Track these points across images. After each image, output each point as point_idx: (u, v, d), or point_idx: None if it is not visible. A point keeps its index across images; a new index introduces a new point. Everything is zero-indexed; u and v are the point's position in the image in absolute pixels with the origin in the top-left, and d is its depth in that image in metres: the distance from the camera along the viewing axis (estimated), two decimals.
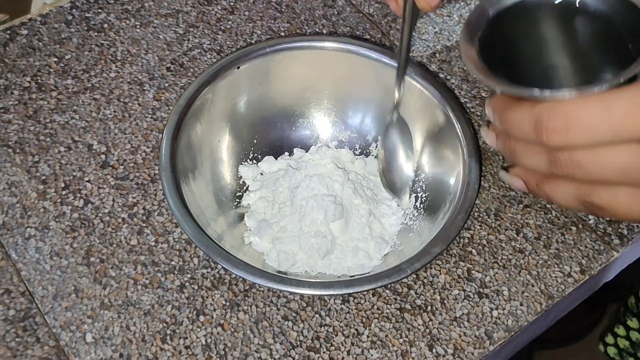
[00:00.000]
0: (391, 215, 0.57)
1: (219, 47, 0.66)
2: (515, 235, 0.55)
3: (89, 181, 0.57)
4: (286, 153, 0.62)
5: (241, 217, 0.58)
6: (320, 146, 0.62)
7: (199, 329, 0.50)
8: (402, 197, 0.57)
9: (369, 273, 0.50)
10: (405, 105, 0.59)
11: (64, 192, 0.56)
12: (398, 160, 0.58)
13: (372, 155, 0.62)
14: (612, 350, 1.02)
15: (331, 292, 0.47)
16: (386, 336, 0.50)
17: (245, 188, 0.60)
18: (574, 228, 0.55)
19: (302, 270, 0.53)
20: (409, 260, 0.48)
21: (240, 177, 0.60)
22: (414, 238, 0.55)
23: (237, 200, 0.59)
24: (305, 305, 0.51)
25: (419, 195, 0.58)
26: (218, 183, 0.59)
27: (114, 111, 0.61)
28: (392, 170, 0.58)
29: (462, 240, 0.54)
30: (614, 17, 0.46)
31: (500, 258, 0.54)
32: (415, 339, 0.50)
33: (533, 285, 0.52)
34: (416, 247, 0.51)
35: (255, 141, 0.62)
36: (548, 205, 0.56)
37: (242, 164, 0.60)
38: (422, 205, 0.57)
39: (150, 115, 0.61)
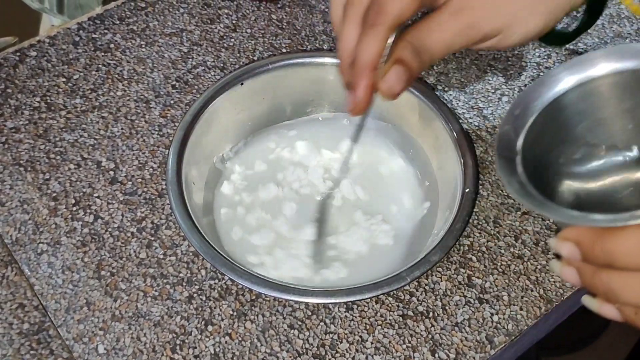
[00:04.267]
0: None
1: (222, 64, 0.68)
2: (514, 242, 0.56)
3: (98, 197, 0.59)
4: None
5: None
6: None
7: (207, 339, 0.51)
8: None
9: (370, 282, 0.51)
10: (404, 118, 0.60)
11: (74, 208, 0.58)
12: None
13: None
14: None
15: (333, 300, 0.48)
16: (389, 342, 0.51)
17: None
18: None
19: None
20: (409, 268, 0.49)
21: None
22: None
23: None
24: (310, 313, 0.53)
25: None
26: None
27: (122, 128, 0.63)
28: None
29: (462, 247, 0.56)
30: None
31: (499, 264, 0.55)
32: (418, 344, 0.51)
33: (532, 290, 0.53)
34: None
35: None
36: None
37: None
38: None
39: (156, 132, 0.63)
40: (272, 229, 0.58)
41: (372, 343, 0.51)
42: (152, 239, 0.56)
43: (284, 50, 0.69)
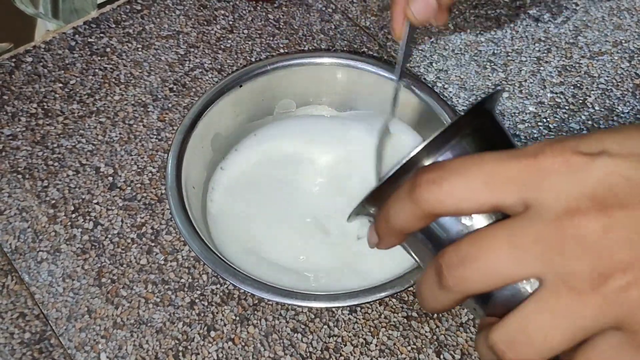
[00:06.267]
0: None
1: (219, 66, 0.67)
2: None
3: (97, 203, 0.58)
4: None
5: None
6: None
7: (210, 344, 0.51)
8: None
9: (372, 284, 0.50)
10: (405, 116, 0.60)
11: (73, 215, 0.58)
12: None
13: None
14: None
15: (336, 305, 0.48)
16: (394, 344, 0.51)
17: None
18: None
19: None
20: (412, 271, 0.49)
21: None
22: None
23: None
24: (313, 317, 0.52)
25: None
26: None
27: (120, 133, 0.63)
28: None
29: None
30: None
31: None
32: (423, 345, 0.51)
33: None
34: None
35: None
36: None
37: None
38: None
39: (155, 136, 0.62)
40: (273, 229, 0.58)
41: (376, 345, 0.51)
42: (153, 244, 0.56)
43: (281, 51, 0.69)
